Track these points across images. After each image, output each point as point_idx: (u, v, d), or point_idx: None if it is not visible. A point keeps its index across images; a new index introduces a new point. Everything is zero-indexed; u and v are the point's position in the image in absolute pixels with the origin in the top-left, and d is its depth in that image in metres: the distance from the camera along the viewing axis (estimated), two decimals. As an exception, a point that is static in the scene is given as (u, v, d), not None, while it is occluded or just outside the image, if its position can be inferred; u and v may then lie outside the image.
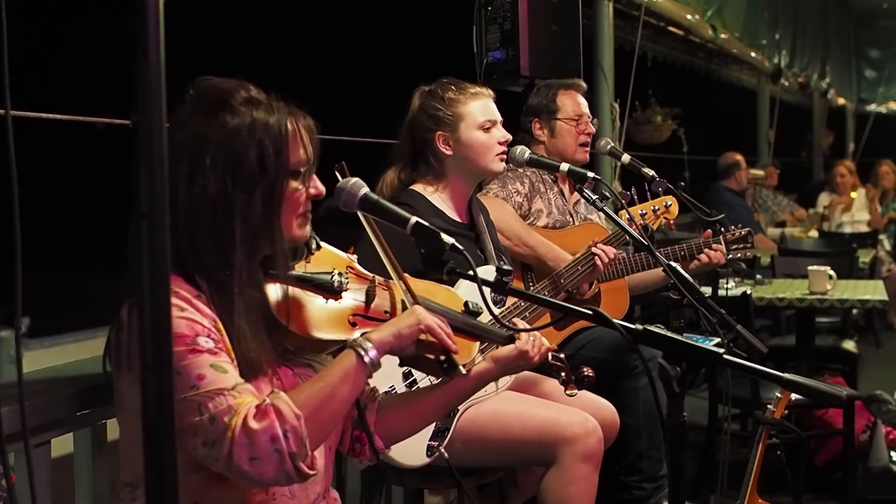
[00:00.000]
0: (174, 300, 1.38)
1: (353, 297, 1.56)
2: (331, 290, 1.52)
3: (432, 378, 1.95)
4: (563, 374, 1.81)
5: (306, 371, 1.57)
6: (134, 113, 0.90)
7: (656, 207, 3.03)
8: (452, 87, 2.49)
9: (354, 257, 1.64)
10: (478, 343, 1.72)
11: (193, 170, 1.42)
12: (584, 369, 1.82)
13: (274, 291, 1.47)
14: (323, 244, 1.60)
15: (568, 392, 1.83)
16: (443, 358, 1.56)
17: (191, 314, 1.38)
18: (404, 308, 1.61)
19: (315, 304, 1.50)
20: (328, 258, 1.59)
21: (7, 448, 1.21)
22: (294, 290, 1.49)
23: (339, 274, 1.53)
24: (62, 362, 2.14)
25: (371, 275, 1.62)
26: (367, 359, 1.45)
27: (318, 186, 1.54)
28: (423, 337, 1.52)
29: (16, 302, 1.11)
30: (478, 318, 1.72)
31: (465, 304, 1.72)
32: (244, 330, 1.44)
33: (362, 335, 1.47)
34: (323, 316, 1.50)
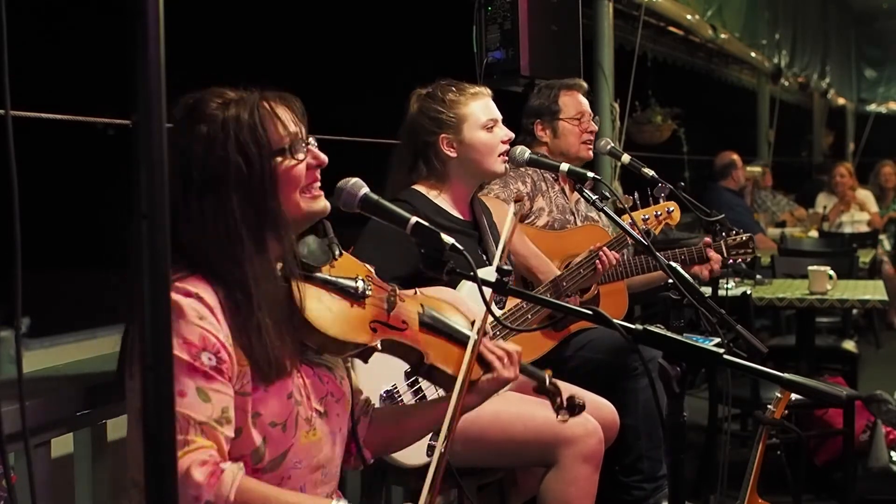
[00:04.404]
0: (196, 305, 1.39)
1: (374, 305, 1.58)
2: (355, 296, 1.55)
3: (437, 387, 1.95)
4: (557, 398, 1.82)
5: (325, 372, 1.58)
6: (134, 113, 0.90)
7: (658, 213, 3.03)
8: (452, 89, 2.48)
9: (372, 268, 1.66)
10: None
11: (188, 183, 1.43)
12: (578, 398, 1.83)
13: (301, 290, 1.49)
14: (345, 252, 1.61)
15: (560, 418, 1.83)
16: None
17: (208, 325, 1.39)
18: (420, 321, 1.63)
19: (339, 305, 1.53)
20: (349, 266, 1.61)
21: (7, 448, 1.21)
22: (320, 292, 1.51)
23: (363, 281, 1.56)
24: (62, 362, 2.14)
25: (390, 285, 1.64)
26: None
27: (317, 156, 1.54)
28: None
29: (16, 302, 1.11)
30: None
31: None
32: (266, 324, 1.44)
33: None
34: (346, 318, 1.53)
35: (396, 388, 2.15)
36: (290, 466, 1.49)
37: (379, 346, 1.55)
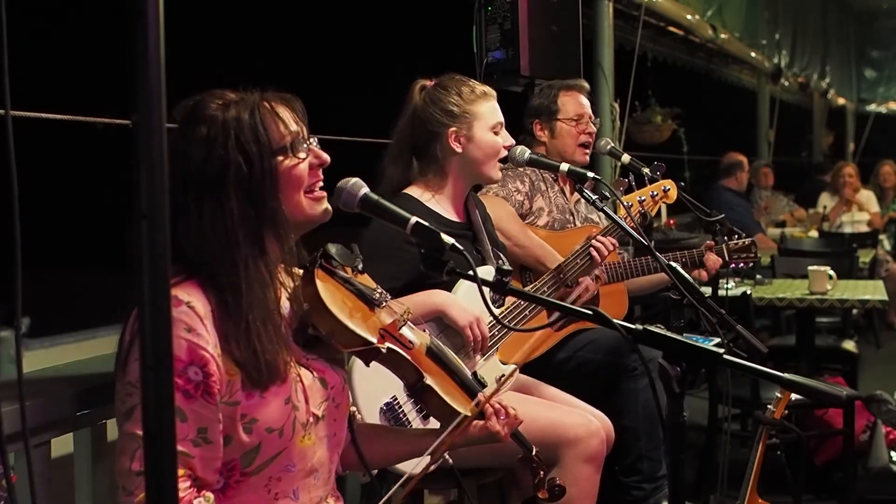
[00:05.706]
0: (185, 316, 1.38)
1: (387, 315, 1.61)
2: (370, 302, 1.58)
3: (426, 411, 1.95)
4: (541, 472, 1.81)
5: (326, 370, 1.57)
6: (134, 113, 0.90)
7: (654, 193, 3.02)
8: (468, 84, 2.44)
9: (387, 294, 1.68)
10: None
11: (187, 184, 1.43)
12: (559, 482, 1.82)
13: (321, 278, 1.51)
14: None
15: (539, 495, 1.83)
16: None
17: (196, 337, 1.38)
18: (428, 351, 1.65)
19: (355, 303, 1.56)
20: (368, 283, 1.63)
21: (7, 448, 1.21)
22: (339, 286, 1.54)
23: (380, 293, 1.59)
24: (62, 362, 2.14)
25: (405, 306, 1.66)
26: None
27: (319, 155, 1.55)
28: None
29: (16, 302, 1.11)
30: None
31: (474, 373, 1.72)
32: (256, 328, 1.43)
33: None
34: (360, 314, 1.55)
35: (397, 399, 2.15)
36: (282, 469, 1.48)
37: (384, 349, 1.56)
